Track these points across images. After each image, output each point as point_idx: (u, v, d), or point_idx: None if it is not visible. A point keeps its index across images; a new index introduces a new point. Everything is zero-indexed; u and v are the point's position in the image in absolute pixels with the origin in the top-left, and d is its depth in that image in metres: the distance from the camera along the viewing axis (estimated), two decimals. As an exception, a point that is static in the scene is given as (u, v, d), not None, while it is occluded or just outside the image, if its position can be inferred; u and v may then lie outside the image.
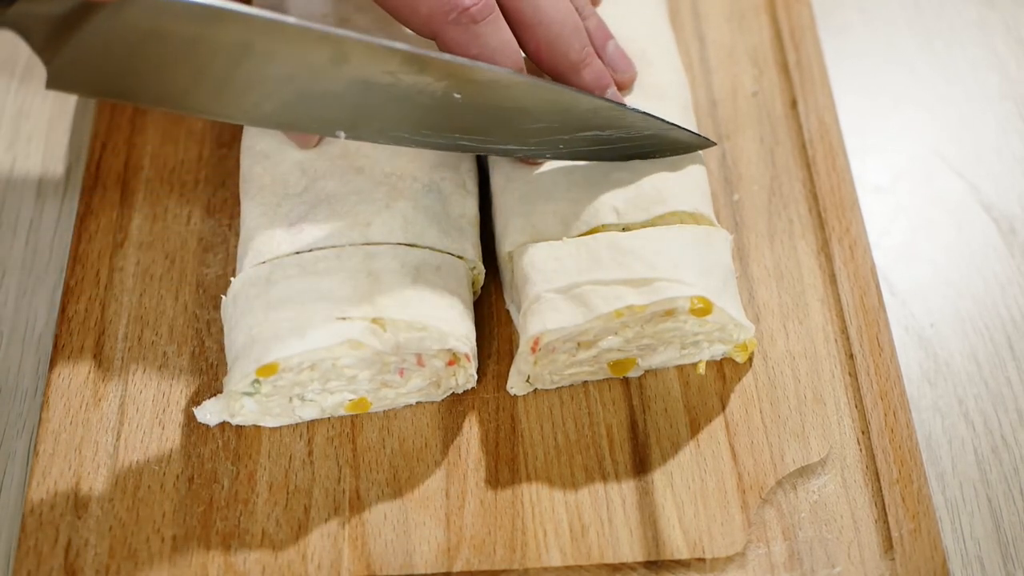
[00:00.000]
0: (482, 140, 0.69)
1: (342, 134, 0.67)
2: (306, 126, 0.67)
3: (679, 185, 0.70)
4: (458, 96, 0.66)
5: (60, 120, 0.83)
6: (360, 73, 0.64)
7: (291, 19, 0.61)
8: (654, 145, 0.71)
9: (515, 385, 0.68)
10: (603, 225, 0.68)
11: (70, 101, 0.84)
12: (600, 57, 0.72)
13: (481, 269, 0.71)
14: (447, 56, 0.64)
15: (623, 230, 0.68)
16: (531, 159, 0.71)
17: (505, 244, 0.70)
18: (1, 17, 0.57)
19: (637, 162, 0.70)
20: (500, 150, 0.70)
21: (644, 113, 0.69)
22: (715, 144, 0.73)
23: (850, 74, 0.86)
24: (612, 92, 0.71)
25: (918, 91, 0.86)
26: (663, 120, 0.70)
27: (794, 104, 0.80)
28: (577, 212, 0.69)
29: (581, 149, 0.70)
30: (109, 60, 0.60)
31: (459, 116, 0.67)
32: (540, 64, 0.69)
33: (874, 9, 0.90)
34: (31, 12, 0.57)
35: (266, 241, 0.68)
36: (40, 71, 0.86)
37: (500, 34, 0.66)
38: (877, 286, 0.72)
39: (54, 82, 0.61)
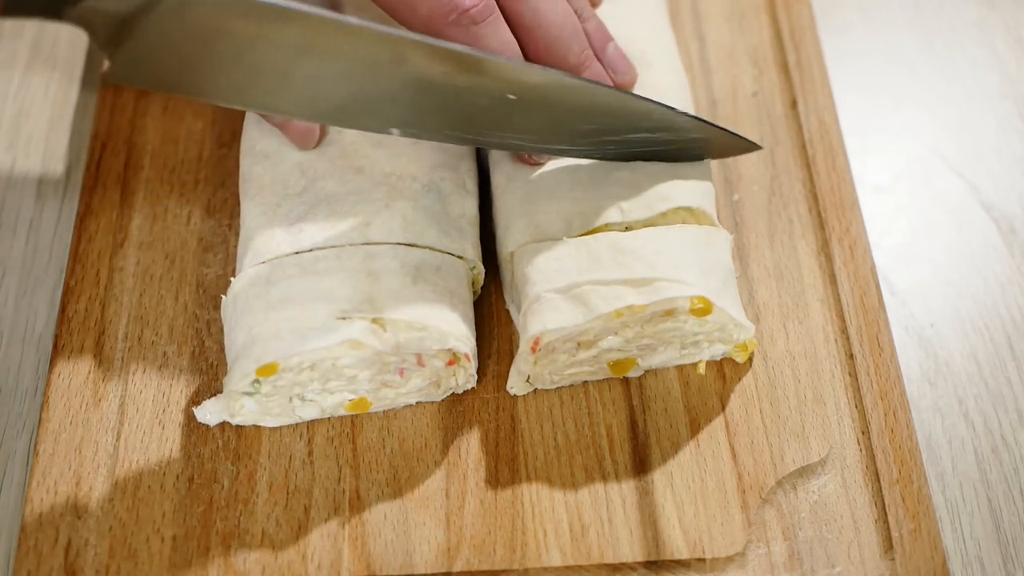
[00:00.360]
0: (532, 140, 0.69)
1: (396, 131, 0.67)
2: (361, 123, 0.67)
3: (682, 182, 0.70)
4: (513, 97, 0.66)
5: (60, 120, 0.83)
6: (417, 73, 0.64)
7: (352, 19, 0.61)
8: (701, 147, 0.71)
9: (515, 385, 0.68)
10: (607, 224, 0.68)
11: (70, 101, 0.84)
12: (599, 59, 0.72)
13: (481, 269, 0.71)
14: (504, 58, 0.65)
15: (626, 229, 0.68)
16: (533, 158, 0.71)
17: (508, 244, 0.70)
18: (69, 13, 0.58)
19: (639, 163, 0.71)
20: (549, 150, 0.70)
21: (694, 117, 0.70)
22: (760, 148, 0.74)
23: (850, 74, 0.86)
24: (611, 93, 0.71)
25: (918, 91, 0.86)
26: (711, 123, 0.71)
27: (794, 104, 0.80)
28: (581, 211, 0.69)
29: (629, 151, 0.70)
30: (171, 55, 0.61)
31: (513, 116, 0.67)
32: None
33: (874, 9, 0.90)
34: (98, 8, 0.58)
35: (266, 241, 0.68)
36: (41, 71, 0.86)
37: (500, 35, 0.66)
38: (877, 286, 0.72)
39: (115, 75, 0.61)
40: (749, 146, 0.73)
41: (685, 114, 0.69)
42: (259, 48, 0.61)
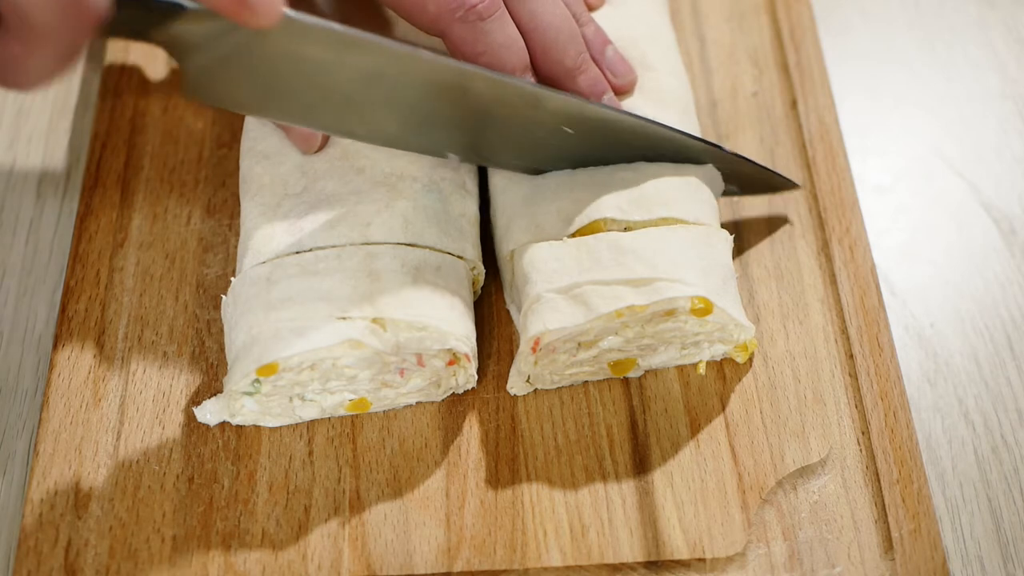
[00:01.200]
0: (575, 163, 0.71)
1: (454, 157, 0.70)
2: (422, 147, 0.69)
3: (683, 191, 0.70)
4: (570, 131, 0.69)
5: (60, 120, 0.83)
6: (481, 104, 0.67)
7: (424, 52, 0.64)
8: (739, 180, 0.74)
9: (515, 385, 0.68)
10: (604, 219, 0.68)
11: (70, 101, 0.84)
12: (598, 63, 0.72)
13: (481, 269, 0.71)
14: (564, 95, 0.67)
15: (625, 229, 0.68)
16: None
17: (508, 243, 0.70)
18: (153, 36, 0.60)
19: (642, 163, 0.71)
20: (584, 165, 0.72)
21: (733, 154, 0.72)
22: (799, 187, 0.76)
23: (850, 74, 0.86)
24: (608, 98, 0.71)
25: (918, 91, 0.86)
26: (749, 160, 0.73)
27: (794, 104, 0.80)
28: (582, 212, 0.69)
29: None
30: (247, 76, 0.63)
31: (566, 147, 0.70)
32: (537, 70, 0.69)
33: (874, 9, 0.90)
34: (181, 32, 0.60)
35: (266, 241, 0.68)
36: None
37: (506, 30, 0.67)
38: (877, 286, 0.72)
39: (189, 92, 0.63)
40: (788, 183, 0.75)
41: (722, 149, 0.71)
42: (332, 74, 0.63)
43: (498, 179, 0.72)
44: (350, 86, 0.65)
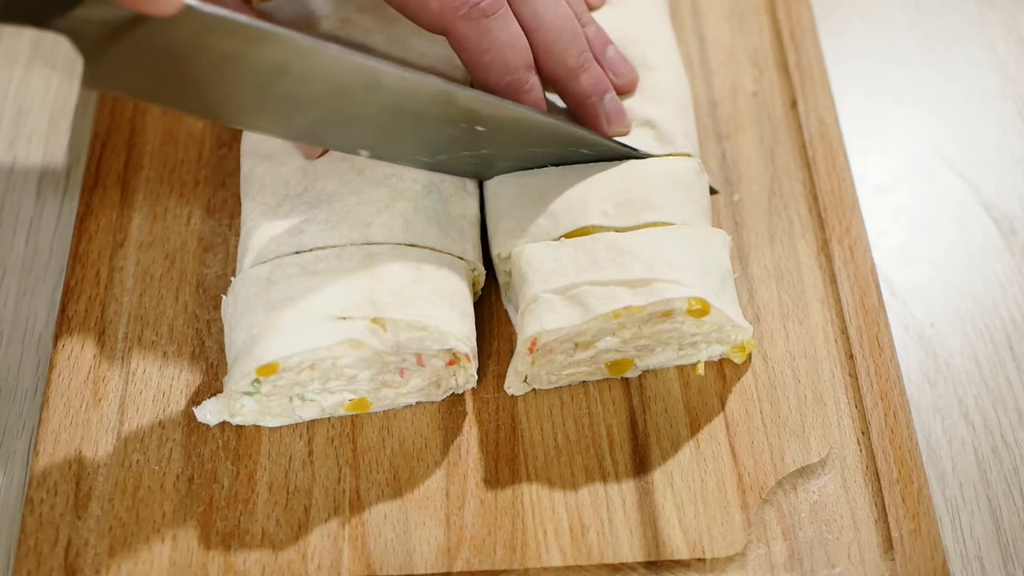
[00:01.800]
0: (492, 166, 0.71)
1: (365, 153, 0.69)
2: (332, 143, 0.68)
3: (672, 191, 0.70)
4: (481, 129, 0.68)
5: (60, 120, 0.83)
6: (390, 101, 0.66)
7: (331, 46, 0.62)
8: None
9: (512, 385, 0.68)
10: (592, 226, 0.68)
11: (70, 101, 0.84)
12: (600, 63, 0.72)
13: (481, 270, 0.71)
14: (475, 92, 0.67)
15: (616, 232, 0.68)
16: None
17: (495, 246, 0.70)
18: (55, 22, 0.59)
19: (633, 163, 0.70)
20: (509, 169, 0.72)
21: (646, 155, 0.71)
22: (716, 192, 0.76)
23: (850, 74, 0.86)
24: (610, 97, 0.71)
25: (918, 91, 0.86)
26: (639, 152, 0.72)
27: (794, 104, 0.80)
28: (568, 214, 0.69)
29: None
30: (151, 67, 0.61)
31: (478, 144, 0.69)
32: (539, 68, 0.69)
33: (874, 9, 0.90)
34: (84, 18, 0.58)
35: (266, 241, 0.68)
36: (41, 71, 0.86)
37: (509, 28, 0.67)
38: (877, 286, 0.72)
39: (92, 82, 0.61)
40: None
41: (634, 150, 0.71)
42: (238, 67, 0.62)
43: (491, 181, 0.72)
44: (258, 79, 0.63)
